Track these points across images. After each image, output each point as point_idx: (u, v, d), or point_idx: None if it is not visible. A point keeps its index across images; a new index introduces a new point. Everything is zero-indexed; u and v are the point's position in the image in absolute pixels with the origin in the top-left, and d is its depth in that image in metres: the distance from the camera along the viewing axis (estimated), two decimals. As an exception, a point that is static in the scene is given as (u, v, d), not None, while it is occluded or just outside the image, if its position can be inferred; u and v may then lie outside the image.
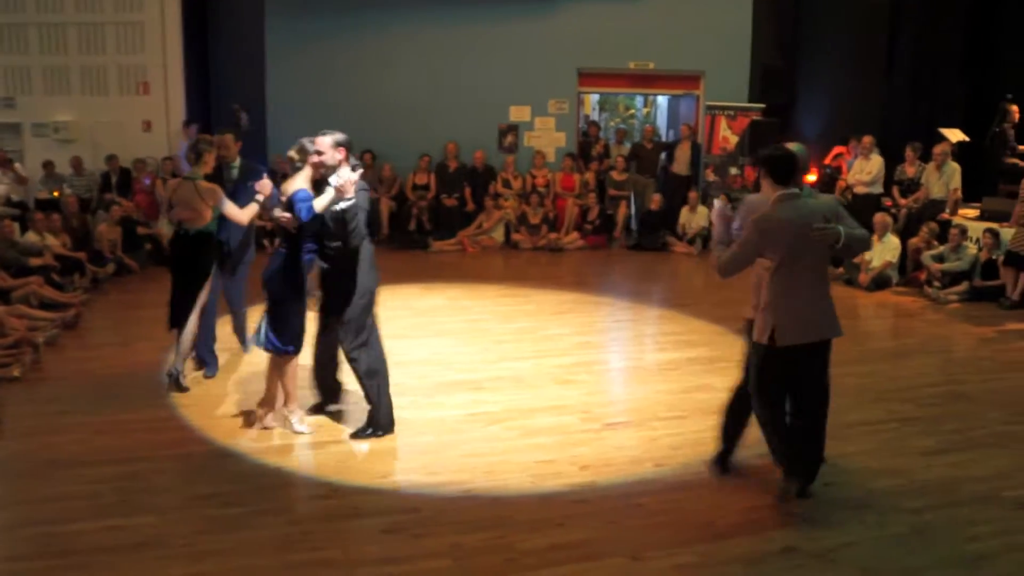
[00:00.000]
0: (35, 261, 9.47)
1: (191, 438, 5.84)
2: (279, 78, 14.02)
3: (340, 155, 5.59)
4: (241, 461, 5.48)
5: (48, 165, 12.81)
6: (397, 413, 6.22)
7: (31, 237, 10.26)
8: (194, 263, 6.60)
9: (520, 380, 7.05)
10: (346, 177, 5.38)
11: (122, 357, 7.62)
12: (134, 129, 13.62)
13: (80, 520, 4.65)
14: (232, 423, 6.07)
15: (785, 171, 4.75)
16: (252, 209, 6.45)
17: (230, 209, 6.50)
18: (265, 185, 6.34)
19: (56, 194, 12.46)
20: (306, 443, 5.72)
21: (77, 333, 8.39)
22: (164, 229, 12.11)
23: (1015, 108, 11.46)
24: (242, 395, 6.59)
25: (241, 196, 6.68)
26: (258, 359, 6.92)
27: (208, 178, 6.62)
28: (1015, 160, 11.39)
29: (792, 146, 4.96)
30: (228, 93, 14.53)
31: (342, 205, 5.41)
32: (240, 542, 4.48)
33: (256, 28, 13.97)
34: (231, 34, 14.57)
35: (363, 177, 5.64)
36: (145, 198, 12.64)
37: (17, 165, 12.65)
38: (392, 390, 6.72)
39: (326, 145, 5.56)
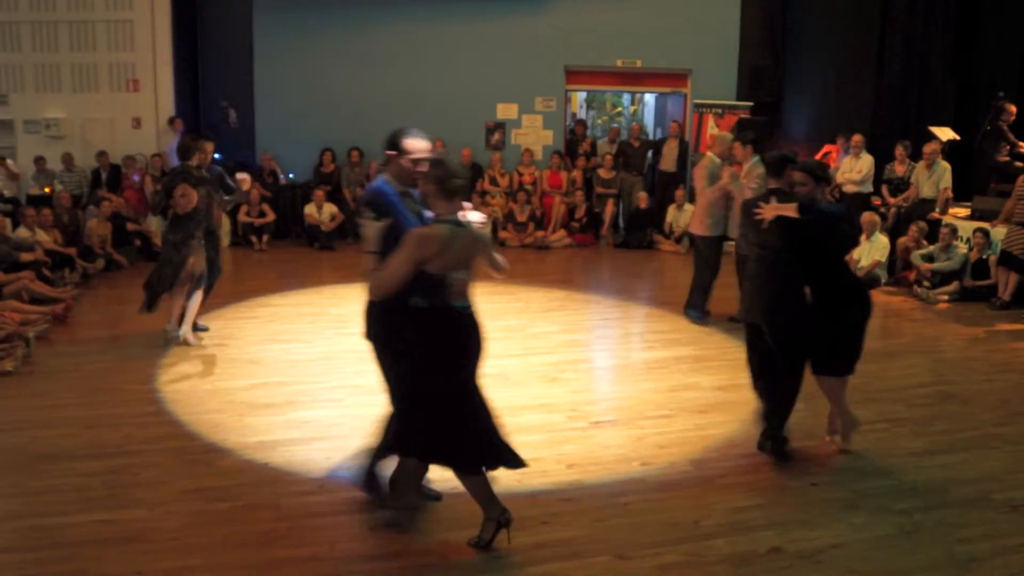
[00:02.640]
0: (26, 256, 9.47)
1: (180, 433, 5.82)
2: (267, 75, 14.03)
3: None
4: (229, 456, 5.44)
5: (39, 161, 12.92)
6: (382, 410, 6.17)
7: (22, 233, 10.31)
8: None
9: (507, 378, 7.00)
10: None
11: (111, 351, 7.60)
12: (124, 126, 13.70)
13: (69, 513, 4.63)
14: (220, 418, 6.03)
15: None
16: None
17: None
18: (246, 179, 7.31)
19: (47, 190, 12.61)
20: (294, 439, 5.67)
21: (67, 328, 8.36)
22: (153, 226, 12.09)
23: (1012, 107, 11.39)
24: (230, 391, 6.55)
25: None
26: (247, 357, 6.90)
27: None
28: (1007, 159, 11.36)
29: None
30: (217, 90, 14.56)
31: None
32: (227, 537, 4.45)
33: (244, 25, 14.00)
34: (220, 31, 14.55)
35: (350, 174, 5.57)
36: (134, 194, 12.68)
37: (9, 161, 12.86)
38: (378, 386, 6.69)
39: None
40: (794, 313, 5.35)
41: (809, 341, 5.34)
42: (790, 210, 5.17)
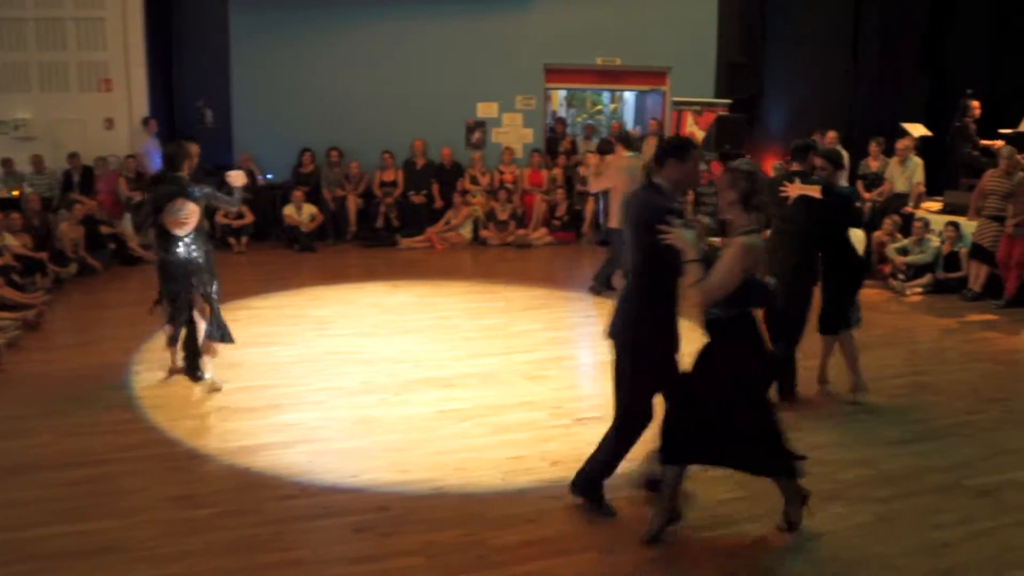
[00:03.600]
0: (-6, 262, 9.28)
1: (158, 440, 5.76)
2: (244, 74, 13.92)
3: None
4: (209, 462, 5.42)
5: (7, 163, 12.62)
6: (365, 411, 6.22)
7: (-9, 237, 10.07)
8: None
9: (490, 377, 7.04)
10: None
11: (86, 358, 7.51)
12: (96, 127, 13.47)
13: (44, 525, 4.57)
14: (200, 423, 6.01)
15: None
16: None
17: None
18: (239, 174, 6.75)
19: (16, 193, 12.23)
20: (275, 443, 5.66)
21: (40, 334, 8.26)
22: (127, 228, 12.01)
23: (976, 103, 11.62)
24: (210, 395, 6.53)
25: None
26: (228, 360, 6.88)
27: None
28: (976, 154, 11.53)
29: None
30: (192, 90, 14.42)
31: None
32: (208, 544, 4.42)
33: (220, 24, 13.86)
34: (195, 30, 14.41)
35: (330, 174, 5.58)
36: (108, 197, 12.49)
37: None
38: (360, 388, 6.74)
39: None
40: (811, 280, 6.28)
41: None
42: (814, 191, 6.05)
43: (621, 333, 4.50)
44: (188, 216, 6.40)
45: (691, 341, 4.52)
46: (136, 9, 13.44)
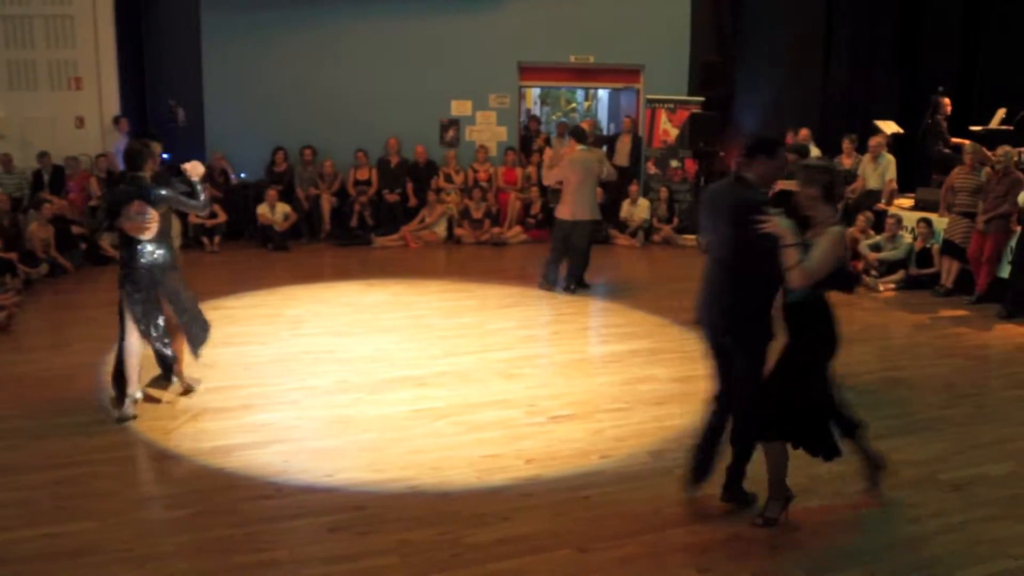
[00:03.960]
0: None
1: (132, 440, 5.71)
2: (216, 73, 13.84)
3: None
4: (182, 463, 5.38)
5: (-26, 163, 12.44)
6: (340, 411, 6.19)
7: (-42, 239, 9.93)
8: None
9: (464, 375, 7.03)
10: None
11: (57, 359, 7.44)
12: (66, 125, 13.31)
13: (15, 528, 4.51)
14: (173, 424, 5.95)
15: None
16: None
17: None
18: (195, 165, 6.25)
19: (-15, 193, 12.10)
20: (249, 443, 5.62)
21: (10, 336, 8.17)
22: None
23: (947, 100, 11.73)
24: (183, 397, 6.47)
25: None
26: (201, 360, 6.82)
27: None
28: (947, 151, 11.64)
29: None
30: (164, 88, 14.27)
31: None
32: (183, 545, 4.39)
33: (192, 22, 13.77)
34: (166, 28, 14.27)
35: (303, 173, 5.49)
36: (79, 196, 12.36)
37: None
38: (335, 387, 6.71)
39: None
40: None
41: None
42: (792, 185, 6.09)
43: (730, 328, 4.65)
44: (149, 221, 5.94)
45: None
46: (106, 6, 13.27)
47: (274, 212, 12.76)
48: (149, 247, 6.01)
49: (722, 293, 4.63)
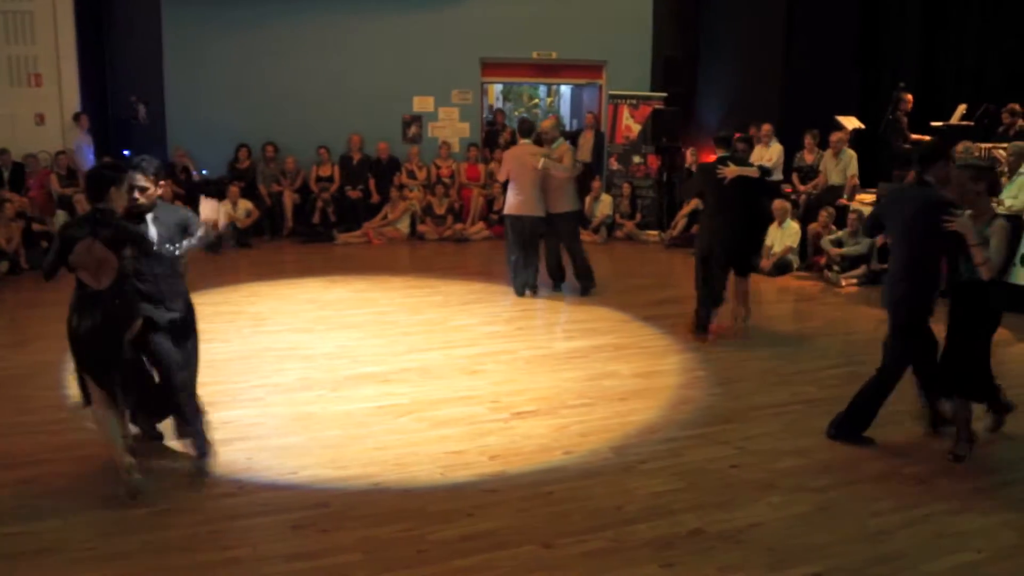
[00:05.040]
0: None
1: (93, 439, 5.57)
2: (178, 69, 13.70)
3: None
4: (145, 461, 5.29)
5: (-65, 160, 12.20)
6: (303, 408, 6.13)
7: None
8: None
9: (428, 371, 6.99)
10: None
11: (18, 357, 7.34)
12: (26, 122, 13.09)
13: (-24, 528, 4.44)
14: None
15: None
16: None
17: None
18: (210, 207, 5.48)
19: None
20: (213, 441, 5.55)
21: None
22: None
23: (909, 96, 11.82)
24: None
25: None
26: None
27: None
28: (908, 147, 11.74)
29: None
30: (125, 85, 14.03)
31: None
32: (147, 543, 4.34)
33: (153, 18, 13.61)
34: (127, 24, 14.03)
35: (266, 169, 5.31)
36: (40, 193, 12.17)
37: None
38: (298, 384, 6.65)
39: None
40: (744, 236, 8.18)
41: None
42: (752, 172, 8.06)
43: (909, 315, 5.46)
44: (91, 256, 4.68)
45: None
46: (66, 1, 13.08)
47: (236, 209, 12.60)
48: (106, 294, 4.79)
49: (902, 280, 5.42)
